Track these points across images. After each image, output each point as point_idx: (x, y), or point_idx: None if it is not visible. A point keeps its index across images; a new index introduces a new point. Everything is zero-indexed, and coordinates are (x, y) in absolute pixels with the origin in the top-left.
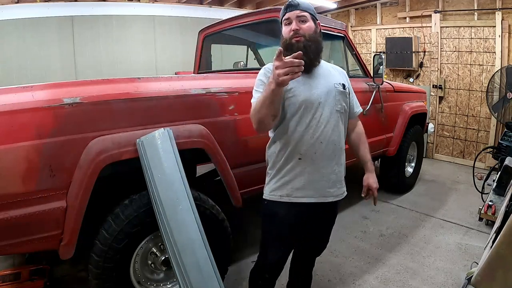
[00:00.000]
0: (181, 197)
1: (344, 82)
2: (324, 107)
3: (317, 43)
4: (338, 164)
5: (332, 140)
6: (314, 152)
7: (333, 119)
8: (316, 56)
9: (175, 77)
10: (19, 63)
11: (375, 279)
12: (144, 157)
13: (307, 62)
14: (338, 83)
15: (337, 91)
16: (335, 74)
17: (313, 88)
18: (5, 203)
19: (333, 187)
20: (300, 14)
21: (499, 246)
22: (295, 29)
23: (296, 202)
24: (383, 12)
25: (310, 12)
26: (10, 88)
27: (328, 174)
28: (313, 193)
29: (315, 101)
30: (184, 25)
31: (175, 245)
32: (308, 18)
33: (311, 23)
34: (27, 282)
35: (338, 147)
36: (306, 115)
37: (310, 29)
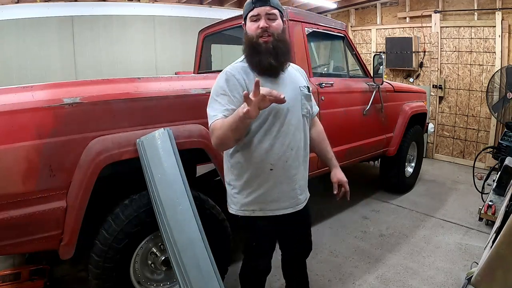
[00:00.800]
0: (181, 197)
1: (307, 84)
2: (293, 112)
3: (286, 44)
4: (305, 168)
5: (301, 146)
6: (285, 161)
7: (300, 124)
8: (285, 59)
9: (175, 77)
10: (19, 63)
11: (375, 279)
12: (144, 157)
13: (276, 65)
14: (303, 86)
15: (303, 95)
16: (299, 76)
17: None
18: (5, 203)
19: (303, 193)
20: (270, 11)
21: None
22: (264, 26)
23: (271, 215)
24: (383, 12)
25: (279, 9)
26: (10, 88)
27: (299, 181)
28: (287, 204)
29: (284, 107)
30: (184, 25)
31: (175, 245)
32: (277, 15)
33: (280, 21)
34: (27, 282)
35: (305, 152)
36: (275, 123)
37: (279, 27)
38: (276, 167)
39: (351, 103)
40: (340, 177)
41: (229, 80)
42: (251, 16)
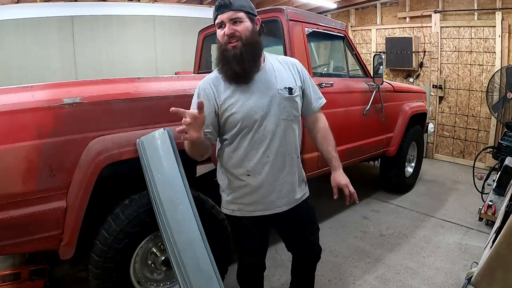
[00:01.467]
0: (181, 197)
1: (292, 82)
2: (268, 118)
3: (255, 46)
4: (290, 173)
5: (281, 151)
6: (262, 167)
7: (279, 129)
8: (254, 63)
9: (175, 77)
10: (19, 63)
11: (375, 279)
12: (144, 157)
13: (241, 72)
14: (283, 88)
15: (282, 98)
16: (282, 74)
17: (253, 100)
18: (5, 203)
19: (286, 197)
20: (233, 16)
21: (499, 246)
22: (228, 33)
23: (249, 216)
24: (383, 12)
25: (244, 10)
26: (10, 88)
27: (279, 186)
28: (264, 207)
29: (256, 114)
30: (184, 25)
31: (175, 245)
32: (243, 18)
33: (247, 23)
34: (27, 282)
35: (289, 157)
36: (249, 131)
37: (246, 29)
38: (253, 173)
39: (351, 103)
40: (338, 180)
41: (199, 95)
42: (217, 24)
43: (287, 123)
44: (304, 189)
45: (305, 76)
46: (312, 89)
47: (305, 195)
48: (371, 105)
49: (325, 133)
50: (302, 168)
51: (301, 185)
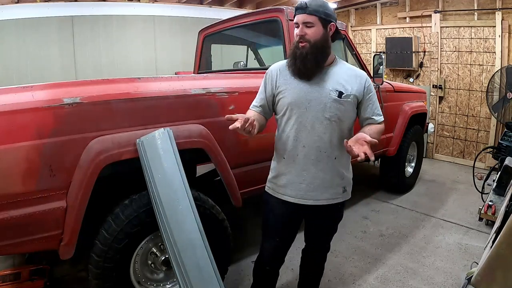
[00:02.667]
0: (181, 197)
1: (348, 88)
2: (312, 111)
3: (322, 50)
4: (324, 171)
5: (317, 146)
6: (296, 154)
7: (321, 125)
8: (317, 64)
9: (175, 77)
10: (19, 63)
11: (375, 279)
12: (144, 157)
13: (303, 70)
14: (334, 90)
15: (330, 99)
16: (341, 78)
17: (304, 92)
18: (5, 203)
19: (315, 191)
20: (306, 19)
21: (499, 246)
22: (299, 34)
23: (278, 198)
24: (383, 12)
25: (318, 15)
26: (10, 88)
27: (310, 178)
28: (293, 194)
29: (302, 104)
30: (184, 25)
31: (175, 245)
32: (315, 22)
33: (317, 28)
34: (27, 282)
35: (325, 155)
36: (292, 117)
37: (315, 34)
38: (288, 158)
39: None
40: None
41: (267, 75)
42: (294, 23)
43: (330, 123)
44: (341, 194)
45: (368, 92)
46: (371, 106)
47: (338, 199)
48: None
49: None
50: (345, 174)
51: (337, 188)
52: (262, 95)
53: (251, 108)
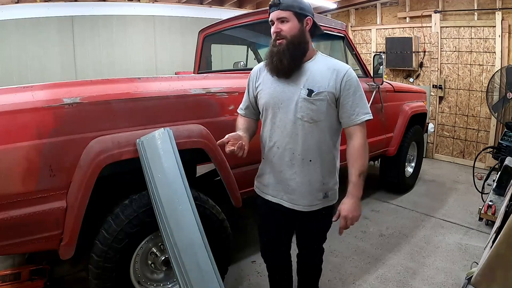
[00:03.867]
0: (181, 197)
1: (322, 86)
2: (285, 112)
3: (298, 46)
4: (300, 174)
5: (290, 148)
6: (272, 156)
7: (293, 126)
8: (293, 61)
9: (175, 77)
10: (19, 63)
11: (375, 279)
12: (144, 157)
13: (279, 67)
14: (305, 88)
15: (300, 98)
16: (316, 76)
17: (277, 91)
18: (5, 203)
19: (293, 194)
20: (280, 15)
21: (499, 246)
22: (275, 32)
23: (263, 197)
24: (383, 12)
25: (293, 10)
26: (10, 88)
27: (286, 180)
28: (273, 193)
29: (275, 105)
30: (184, 25)
31: (175, 245)
32: (289, 17)
33: (293, 23)
34: (27, 282)
35: (299, 157)
36: (268, 117)
37: (291, 30)
38: (266, 158)
39: None
40: (341, 207)
41: (249, 76)
42: (270, 22)
43: (303, 124)
44: (321, 200)
45: (347, 87)
46: (352, 103)
47: (318, 206)
48: (371, 105)
49: (354, 153)
50: (327, 179)
51: (316, 193)
52: (246, 97)
53: (239, 111)
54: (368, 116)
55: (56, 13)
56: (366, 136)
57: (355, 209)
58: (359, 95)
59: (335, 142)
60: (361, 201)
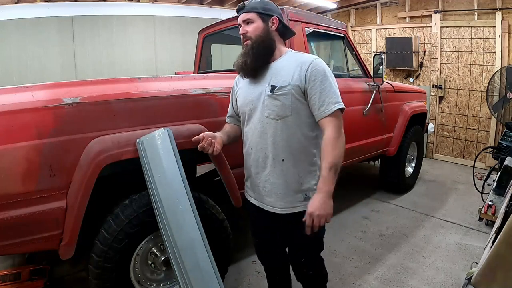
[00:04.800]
0: (181, 197)
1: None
2: (255, 113)
3: (263, 44)
4: (274, 175)
5: (261, 148)
6: (249, 158)
7: (261, 125)
8: (258, 60)
9: (175, 77)
10: (19, 63)
11: (375, 279)
12: (144, 157)
13: (244, 67)
14: (268, 85)
15: (265, 95)
16: (281, 71)
17: (247, 93)
18: (5, 203)
19: (270, 197)
20: (245, 17)
21: (499, 246)
22: (241, 34)
23: (248, 199)
24: (383, 12)
25: (256, 11)
26: (10, 88)
27: (262, 183)
28: (254, 196)
29: (247, 106)
30: (184, 25)
31: (175, 245)
32: (253, 18)
33: (257, 24)
34: (27, 282)
35: (270, 157)
36: (244, 121)
37: (255, 30)
38: (245, 161)
39: (351, 103)
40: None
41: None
42: (238, 25)
43: (270, 121)
44: (301, 202)
45: (312, 78)
46: (319, 94)
47: (298, 208)
48: (371, 105)
49: (326, 145)
50: (306, 179)
51: (294, 195)
52: (230, 105)
53: (226, 119)
54: (339, 105)
55: (56, 13)
56: (341, 127)
57: (322, 206)
58: (328, 84)
59: (311, 138)
60: (361, 201)
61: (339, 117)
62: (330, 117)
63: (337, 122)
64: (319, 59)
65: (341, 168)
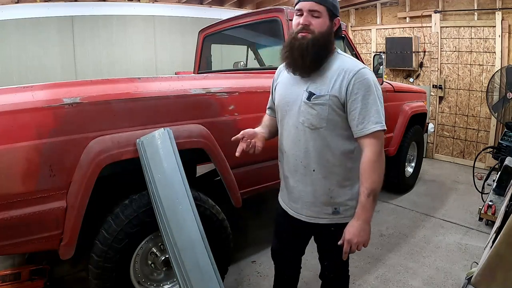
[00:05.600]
0: (181, 197)
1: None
2: (291, 115)
3: (324, 45)
4: (303, 183)
5: (293, 154)
6: (281, 160)
7: (296, 130)
8: (316, 61)
9: (175, 77)
10: (19, 63)
11: (375, 279)
12: (144, 157)
13: (301, 64)
14: (306, 91)
15: (302, 101)
16: (323, 77)
17: (286, 92)
18: (5, 203)
19: (296, 203)
20: (313, 7)
21: (499, 246)
22: (303, 23)
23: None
24: (383, 12)
25: (327, 5)
26: (10, 88)
27: (290, 188)
28: (283, 199)
29: (284, 107)
30: (184, 25)
31: (175, 245)
32: (322, 13)
33: (325, 20)
34: (27, 282)
35: (301, 165)
36: (278, 120)
37: (322, 25)
38: (279, 159)
39: None
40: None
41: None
42: (296, 10)
43: (305, 129)
44: (329, 215)
45: (355, 90)
46: (360, 110)
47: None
48: None
49: (364, 169)
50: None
51: (322, 206)
52: (271, 96)
53: (266, 110)
54: (379, 127)
55: (56, 13)
56: (381, 150)
57: (361, 234)
58: (372, 100)
59: (347, 152)
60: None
61: (380, 138)
62: (369, 138)
63: (377, 143)
64: (366, 69)
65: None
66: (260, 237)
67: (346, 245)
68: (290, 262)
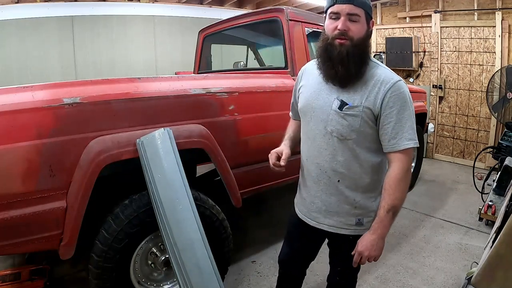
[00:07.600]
0: (181, 197)
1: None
2: (317, 123)
3: (364, 51)
4: (326, 192)
5: (317, 163)
6: (303, 168)
7: (322, 139)
8: (358, 68)
9: (175, 77)
10: (19, 63)
11: (375, 279)
12: (144, 157)
13: (344, 74)
14: (338, 99)
15: (332, 109)
16: (356, 86)
17: (313, 98)
18: (5, 203)
19: (317, 213)
20: (352, 11)
21: (499, 246)
22: (341, 29)
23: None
24: (383, 12)
25: (365, 8)
26: (10, 88)
27: (311, 197)
28: (301, 208)
29: (307, 112)
30: (184, 25)
31: (175, 245)
32: (361, 17)
33: (362, 24)
34: (27, 282)
35: (325, 174)
36: (303, 125)
37: (360, 31)
38: (302, 170)
39: None
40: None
41: (296, 79)
42: (331, 13)
43: (333, 139)
44: (352, 226)
45: (390, 104)
46: (394, 125)
47: (347, 230)
48: None
49: (388, 185)
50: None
51: (345, 216)
52: (293, 98)
53: (290, 113)
54: (413, 144)
55: (56, 13)
56: (409, 168)
57: (374, 248)
58: (407, 115)
59: (375, 164)
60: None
61: (410, 155)
62: (399, 154)
63: (406, 160)
64: (401, 82)
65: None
66: (260, 237)
67: (357, 256)
68: (298, 266)
